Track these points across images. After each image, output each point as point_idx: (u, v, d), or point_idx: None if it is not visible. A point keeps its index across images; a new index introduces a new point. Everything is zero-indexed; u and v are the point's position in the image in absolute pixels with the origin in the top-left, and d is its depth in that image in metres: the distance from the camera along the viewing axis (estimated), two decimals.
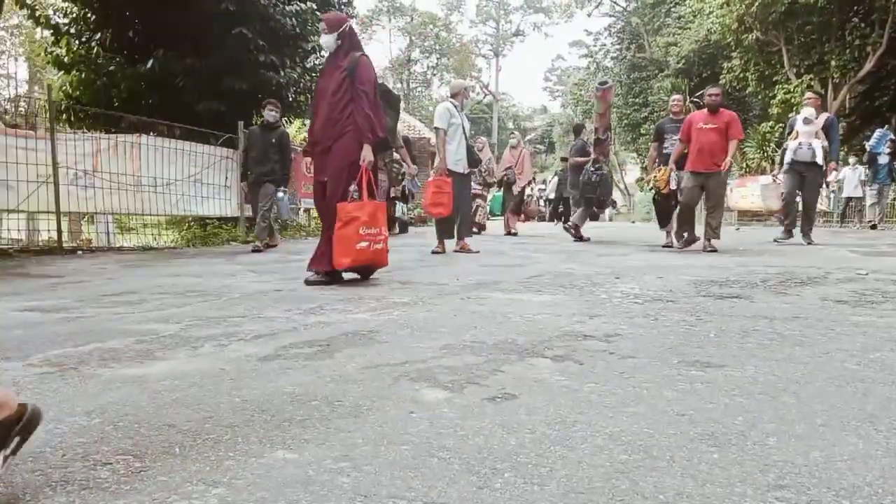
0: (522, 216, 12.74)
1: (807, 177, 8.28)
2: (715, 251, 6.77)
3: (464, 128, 7.13)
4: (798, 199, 8.77)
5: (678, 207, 7.46)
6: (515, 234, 11.39)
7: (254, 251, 7.55)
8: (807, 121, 8.23)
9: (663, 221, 7.99)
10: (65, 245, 7.85)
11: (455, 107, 7.11)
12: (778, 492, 1.25)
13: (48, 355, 2.42)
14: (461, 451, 1.46)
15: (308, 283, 4.43)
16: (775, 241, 8.42)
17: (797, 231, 8.52)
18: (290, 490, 1.27)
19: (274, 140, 7.82)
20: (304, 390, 1.93)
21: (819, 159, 8.14)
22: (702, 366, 2.18)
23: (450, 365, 2.21)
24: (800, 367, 2.17)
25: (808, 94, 8.85)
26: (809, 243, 8.01)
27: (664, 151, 7.86)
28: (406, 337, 2.68)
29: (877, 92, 18.88)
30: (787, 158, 8.41)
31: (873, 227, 13.87)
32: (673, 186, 7.40)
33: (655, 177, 8.10)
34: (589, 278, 4.62)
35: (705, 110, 7.28)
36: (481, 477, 1.32)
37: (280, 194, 7.91)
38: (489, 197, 13.93)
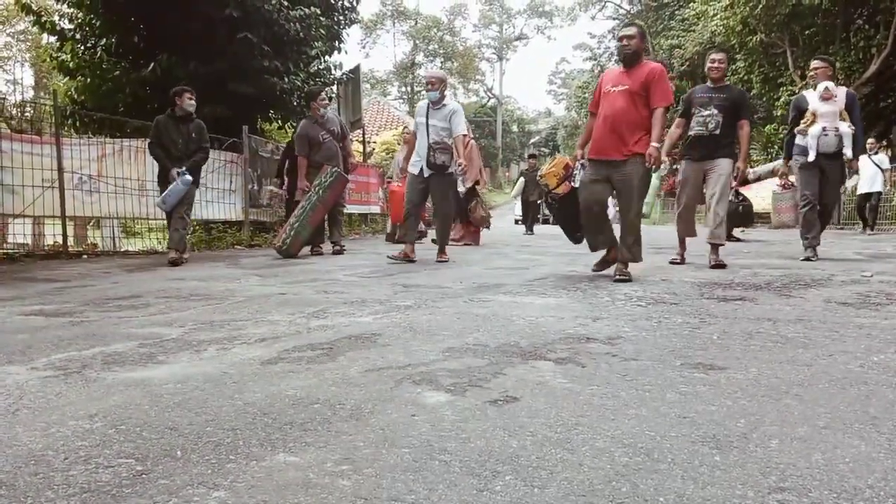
0: (466, 225, 9.72)
1: (829, 173, 6.05)
2: (627, 280, 4.55)
3: (429, 126, 6.28)
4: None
5: (581, 214, 4.96)
6: (465, 244, 9.47)
7: (172, 264, 6.38)
8: (825, 98, 5.94)
9: (574, 234, 5.41)
10: (70, 249, 7.88)
11: (431, 103, 6.36)
12: (779, 494, 1.25)
13: (52, 359, 2.43)
14: (462, 454, 1.46)
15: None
16: (808, 259, 6.03)
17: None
18: (291, 493, 1.27)
19: (194, 134, 6.77)
20: (306, 393, 1.93)
21: (848, 150, 5.92)
22: (704, 368, 2.18)
23: (452, 368, 2.21)
24: (803, 369, 2.16)
25: (815, 63, 6.26)
26: (810, 257, 6.05)
27: (689, 132, 5.79)
28: (409, 340, 2.68)
29: (882, 94, 18.81)
30: (809, 151, 6.01)
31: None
32: (577, 184, 5.02)
33: (542, 173, 6.24)
34: (592, 281, 4.61)
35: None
36: (482, 479, 1.32)
37: (188, 177, 6.55)
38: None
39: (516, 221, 29.27)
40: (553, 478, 1.33)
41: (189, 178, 6.55)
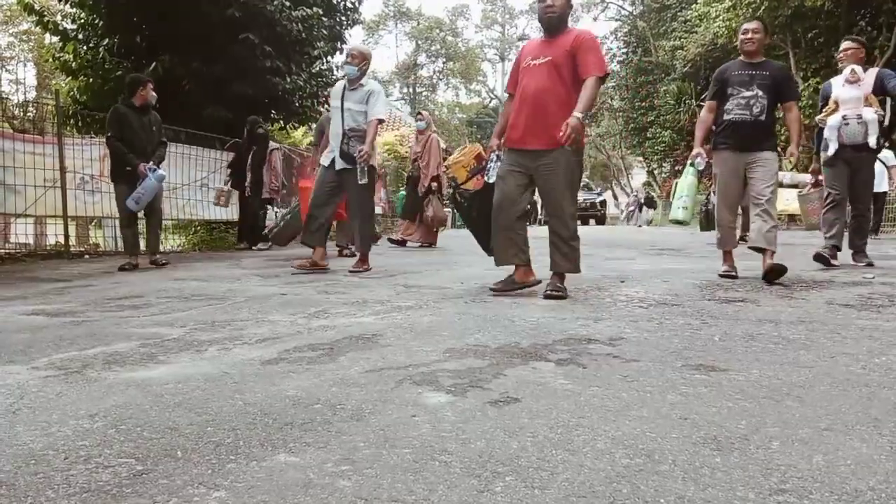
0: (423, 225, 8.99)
1: (858, 166, 5.40)
2: (561, 297, 3.80)
3: (343, 110, 5.43)
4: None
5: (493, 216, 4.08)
6: (402, 244, 8.95)
7: (153, 264, 6.16)
8: (851, 81, 5.33)
9: (488, 242, 4.34)
10: (72, 249, 7.90)
11: (348, 83, 5.52)
12: (780, 496, 1.24)
13: (53, 359, 2.43)
14: (463, 455, 1.45)
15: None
16: (818, 255, 5.49)
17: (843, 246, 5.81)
18: (291, 493, 1.27)
19: (154, 127, 6.34)
20: (306, 394, 1.93)
21: (872, 138, 5.24)
22: (706, 369, 2.17)
23: (453, 368, 2.20)
24: (804, 370, 2.15)
25: (846, 44, 5.70)
26: (868, 263, 5.42)
27: (726, 117, 4.69)
28: (409, 340, 2.68)
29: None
30: (829, 145, 5.44)
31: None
32: (491, 180, 4.15)
33: (449, 163, 5.70)
34: (594, 282, 4.61)
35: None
36: (482, 480, 1.32)
37: (161, 173, 6.13)
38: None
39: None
40: (554, 479, 1.33)
41: (163, 173, 6.16)
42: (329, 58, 12.85)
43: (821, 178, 6.17)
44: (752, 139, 4.64)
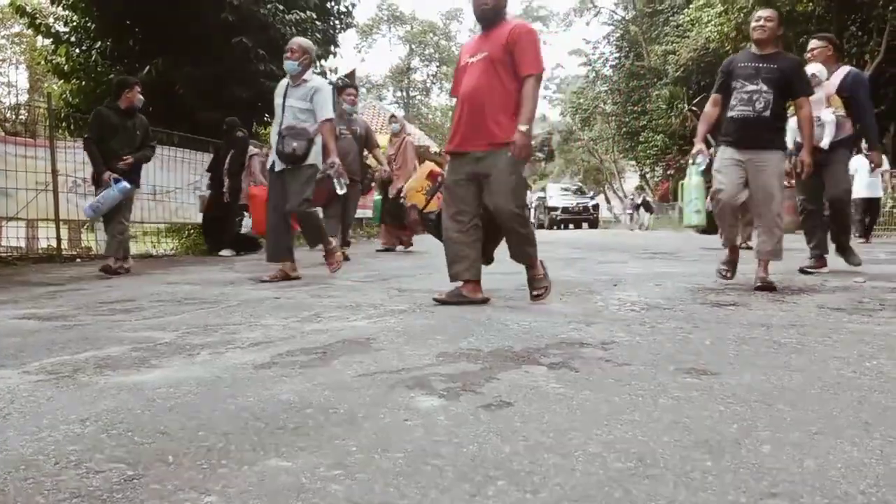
0: (400, 229, 8.78)
1: (826, 165, 5.07)
2: (544, 293, 3.80)
3: (285, 108, 5.11)
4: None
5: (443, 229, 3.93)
6: (391, 249, 8.79)
7: (105, 272, 5.74)
8: (816, 79, 5.02)
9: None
10: (64, 253, 7.86)
11: (290, 80, 5.21)
12: (771, 500, 1.25)
13: (44, 363, 2.42)
14: (455, 459, 1.45)
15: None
16: (802, 270, 5.30)
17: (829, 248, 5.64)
18: (283, 498, 1.27)
19: (139, 131, 6.11)
20: (299, 398, 1.92)
21: (825, 140, 5.04)
22: (697, 373, 2.18)
23: (446, 372, 2.20)
24: (795, 374, 2.16)
25: (812, 43, 5.49)
26: (856, 263, 5.43)
27: (729, 114, 4.44)
28: (402, 344, 2.67)
29: (875, 100, 18.93)
30: (792, 146, 5.27)
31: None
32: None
33: (405, 192, 5.33)
34: (587, 286, 4.61)
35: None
36: (475, 484, 1.32)
37: (124, 185, 5.79)
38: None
39: None
40: (546, 483, 1.33)
41: (126, 185, 5.81)
42: (322, 61, 12.85)
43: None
44: (753, 137, 4.32)
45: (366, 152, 8.02)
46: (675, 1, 27.36)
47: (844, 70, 5.31)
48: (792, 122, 5.06)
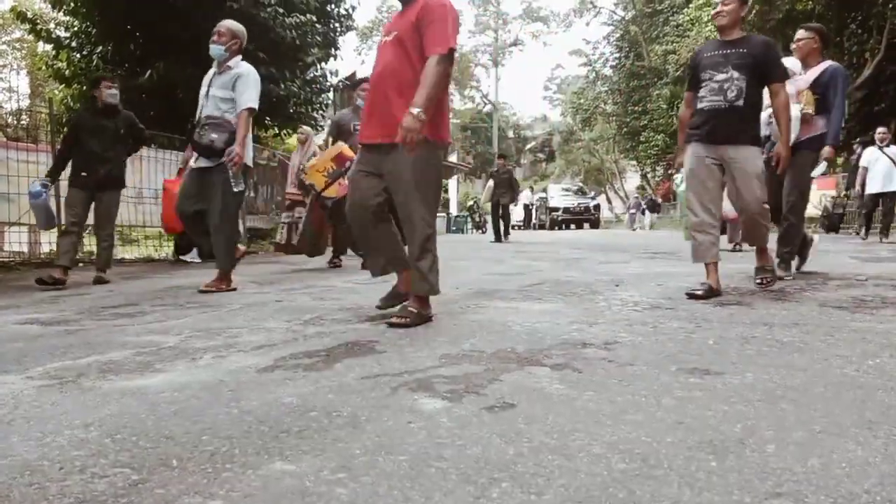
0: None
1: (789, 169, 4.56)
2: (405, 325, 3.10)
3: (209, 97, 4.72)
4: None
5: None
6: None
7: (41, 282, 5.18)
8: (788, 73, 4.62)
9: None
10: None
11: (216, 67, 4.81)
12: (776, 499, 1.25)
13: (47, 368, 2.42)
14: (459, 461, 1.45)
15: None
16: (778, 276, 4.66)
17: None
18: (287, 501, 1.27)
19: (122, 129, 5.80)
20: (302, 401, 1.93)
21: (790, 136, 4.40)
22: (700, 373, 2.18)
23: (448, 374, 2.21)
24: (798, 373, 2.16)
25: (798, 34, 5.07)
26: (783, 273, 4.73)
27: (699, 106, 4.11)
28: (405, 346, 2.68)
29: (875, 97, 18.91)
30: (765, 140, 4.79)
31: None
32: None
33: (307, 167, 5.09)
34: (589, 286, 4.61)
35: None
36: (478, 487, 1.32)
37: (39, 189, 5.46)
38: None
39: (513, 227, 28.81)
40: (550, 484, 1.33)
41: (37, 188, 5.43)
42: (323, 64, 12.88)
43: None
44: (726, 130, 3.95)
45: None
46: (674, 0, 27.37)
47: (825, 65, 4.87)
48: (763, 115, 4.55)
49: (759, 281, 4.25)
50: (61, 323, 3.48)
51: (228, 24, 4.86)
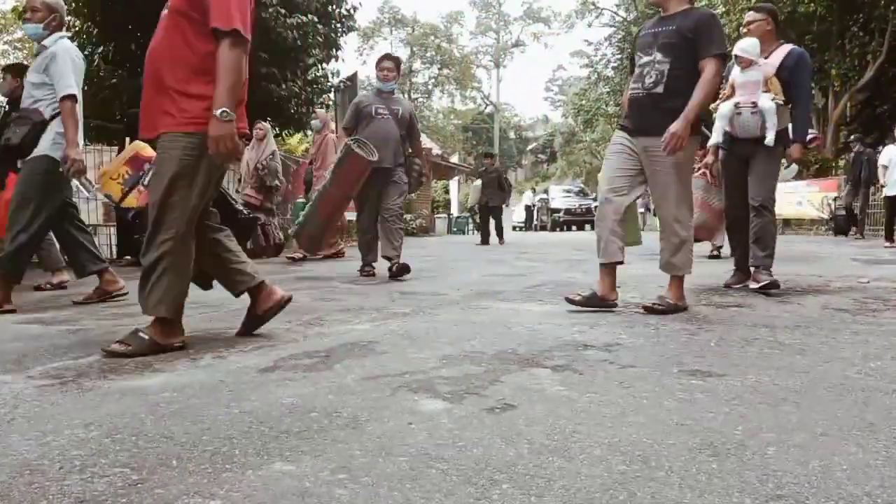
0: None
1: (754, 163, 4.25)
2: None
3: (24, 83, 4.14)
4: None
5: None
6: (301, 259, 7.81)
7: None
8: (742, 60, 4.21)
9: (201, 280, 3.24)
10: (66, 257, 7.86)
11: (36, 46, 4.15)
12: (776, 502, 1.25)
13: (48, 367, 2.42)
14: (459, 462, 1.45)
15: None
16: (726, 286, 4.55)
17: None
18: (287, 502, 1.27)
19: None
20: (302, 402, 1.92)
21: (770, 132, 4.08)
22: (702, 375, 2.18)
23: (449, 375, 2.20)
24: (800, 375, 2.16)
25: (749, 16, 4.51)
26: (770, 284, 4.15)
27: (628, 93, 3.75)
28: (406, 347, 2.67)
29: (877, 100, 18.91)
30: (719, 136, 4.38)
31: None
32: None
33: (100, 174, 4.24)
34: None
35: None
36: (479, 488, 1.32)
37: None
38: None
39: (514, 228, 28.66)
40: (550, 486, 1.33)
41: None
42: (324, 65, 12.87)
43: (707, 175, 5.36)
44: (643, 121, 3.51)
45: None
46: None
47: (787, 48, 4.32)
48: (723, 108, 4.29)
49: (645, 308, 3.51)
50: (62, 322, 3.47)
51: None
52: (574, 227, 27.01)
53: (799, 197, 14.85)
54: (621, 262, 3.61)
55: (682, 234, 3.55)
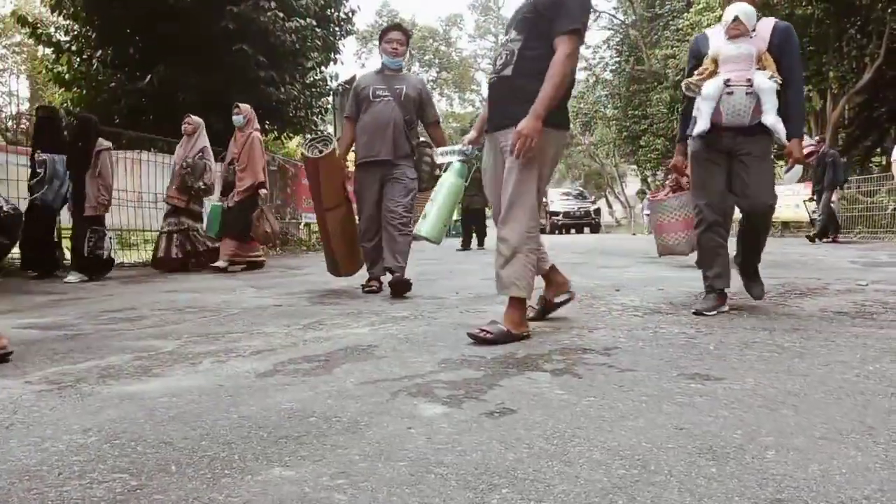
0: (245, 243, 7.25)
1: (745, 157, 3.42)
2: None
3: None
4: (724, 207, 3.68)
5: None
6: (224, 269, 7.03)
7: None
8: (733, 34, 3.39)
9: None
10: (65, 262, 7.85)
11: None
12: None
13: (46, 372, 2.41)
14: (459, 467, 1.45)
15: None
16: (697, 312, 3.51)
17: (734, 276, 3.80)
18: None
19: None
20: (301, 406, 1.92)
21: (769, 116, 3.28)
22: (701, 379, 2.18)
23: (448, 379, 2.20)
24: (799, 379, 2.16)
25: None
26: (757, 296, 3.77)
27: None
28: (405, 351, 2.67)
29: (875, 102, 18.95)
30: (706, 123, 3.38)
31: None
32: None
33: None
34: (589, 291, 4.61)
35: None
36: (478, 493, 1.32)
37: None
38: (206, 209, 7.85)
39: None
40: (550, 491, 1.32)
41: None
42: (323, 68, 12.90)
43: (684, 180, 4.55)
44: (496, 110, 3.06)
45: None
46: (674, 5, 27.43)
47: (771, 21, 3.53)
48: (709, 87, 3.39)
49: (469, 335, 2.85)
50: (61, 327, 3.47)
51: None
52: (573, 230, 27.01)
53: (797, 199, 14.80)
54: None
55: (511, 247, 2.93)
